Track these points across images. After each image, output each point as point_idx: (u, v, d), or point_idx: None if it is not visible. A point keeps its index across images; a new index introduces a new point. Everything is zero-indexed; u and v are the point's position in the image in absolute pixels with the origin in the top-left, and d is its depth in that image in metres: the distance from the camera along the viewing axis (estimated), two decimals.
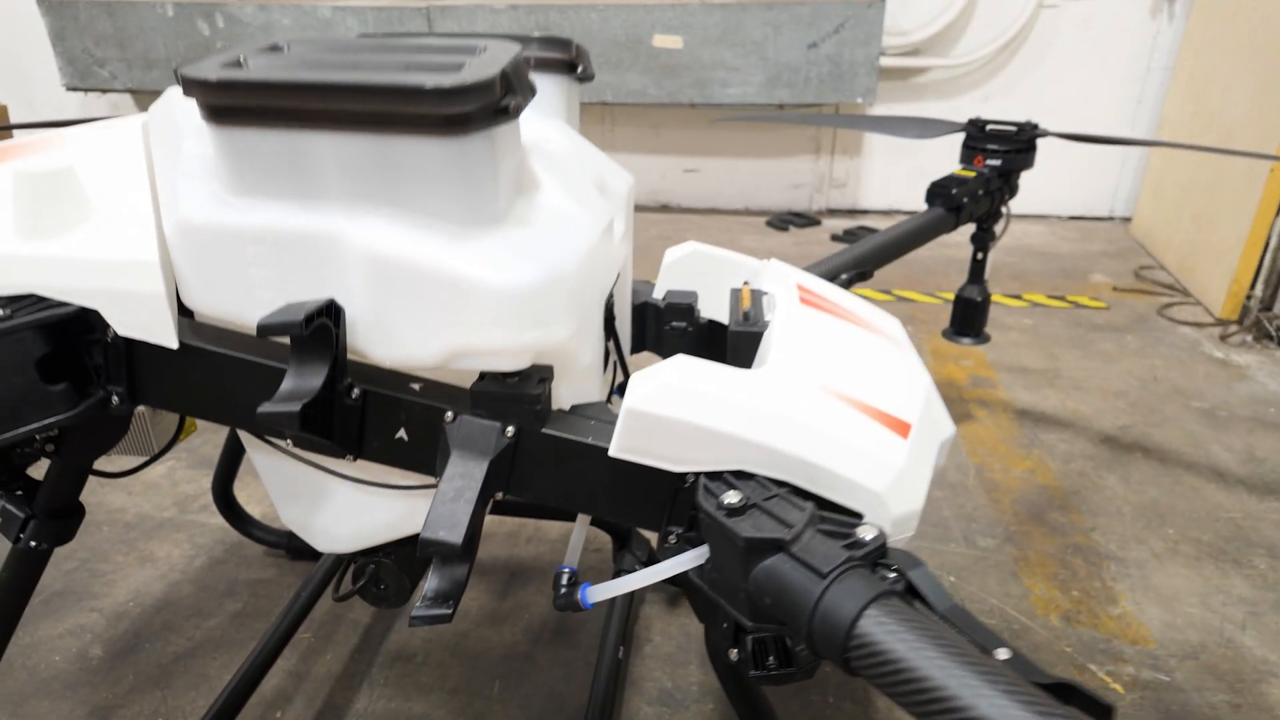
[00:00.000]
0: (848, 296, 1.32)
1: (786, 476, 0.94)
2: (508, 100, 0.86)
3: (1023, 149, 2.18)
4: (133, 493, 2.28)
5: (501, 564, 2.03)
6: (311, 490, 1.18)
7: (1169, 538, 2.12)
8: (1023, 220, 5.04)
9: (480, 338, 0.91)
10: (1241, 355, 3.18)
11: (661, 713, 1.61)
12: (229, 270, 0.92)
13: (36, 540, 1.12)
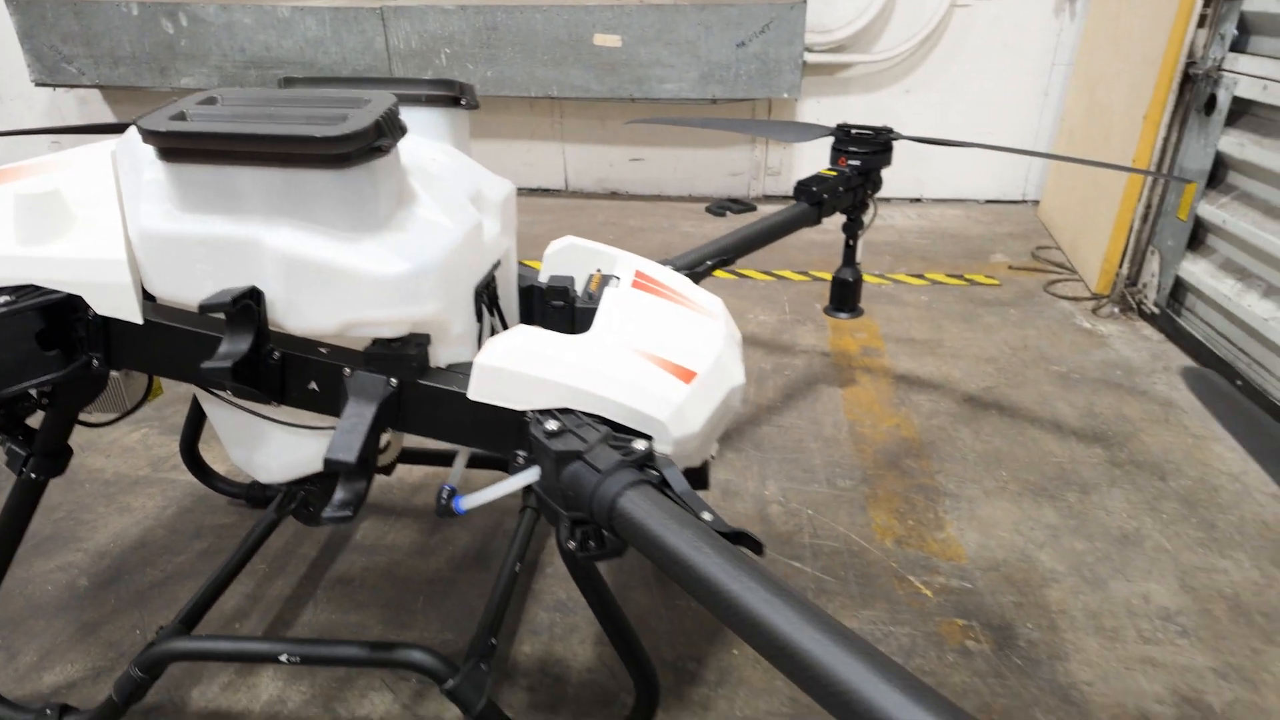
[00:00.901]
0: (680, 280, 1.67)
1: (597, 410, 1.30)
2: (380, 142, 1.20)
3: (879, 150, 2.53)
4: (111, 455, 2.61)
5: (432, 507, 2.38)
6: (252, 435, 1.53)
7: (1001, 479, 2.51)
8: (943, 204, 5.43)
9: (366, 313, 1.26)
10: (1106, 326, 3.58)
11: (555, 617, 1.98)
12: (179, 266, 1.26)
13: (36, 473, 1.46)
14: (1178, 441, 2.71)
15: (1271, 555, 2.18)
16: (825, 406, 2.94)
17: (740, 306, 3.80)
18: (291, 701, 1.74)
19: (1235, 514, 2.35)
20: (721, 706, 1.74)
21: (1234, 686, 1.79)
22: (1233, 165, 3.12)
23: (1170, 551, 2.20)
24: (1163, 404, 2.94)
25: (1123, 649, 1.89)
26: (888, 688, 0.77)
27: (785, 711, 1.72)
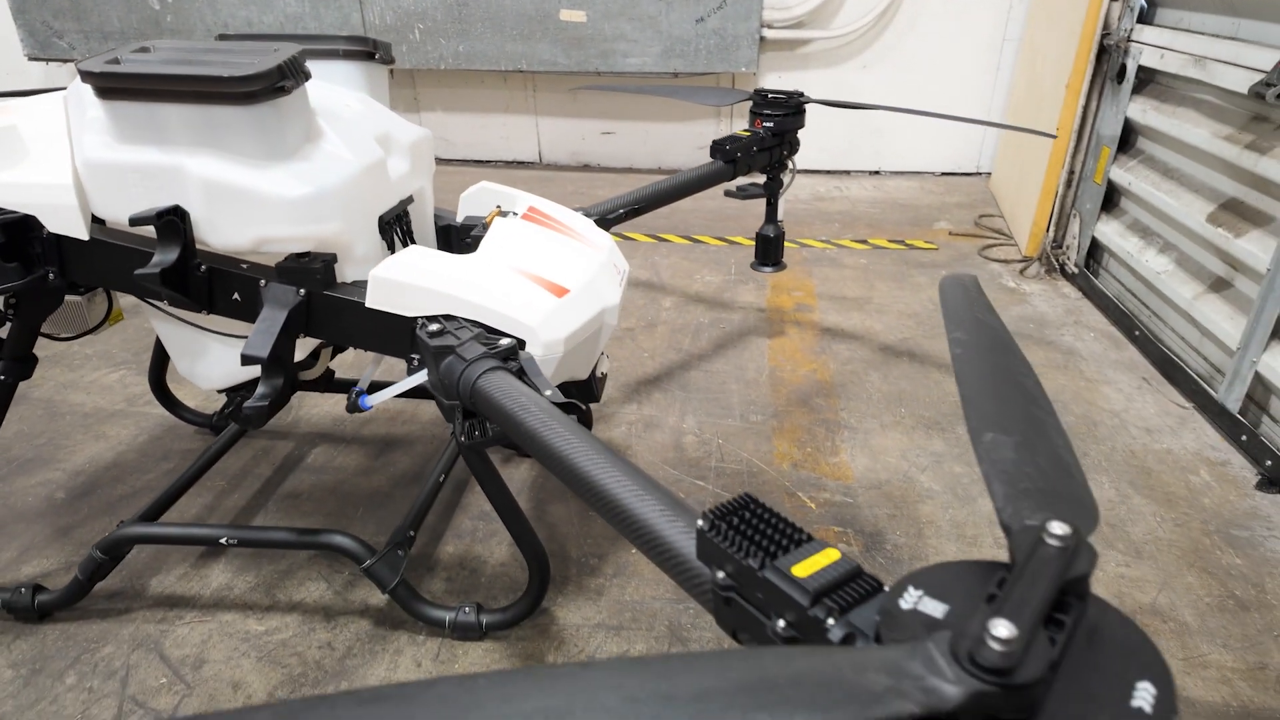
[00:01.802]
0: (572, 216, 1.89)
1: (475, 317, 1.53)
2: (283, 83, 1.43)
3: (792, 113, 2.74)
4: (91, 393, 2.86)
5: (380, 437, 2.62)
6: (194, 348, 1.77)
7: (900, 414, 2.74)
8: (900, 177, 5.64)
9: (274, 230, 1.50)
10: (1030, 285, 3.80)
11: (477, 525, 2.22)
12: (117, 190, 1.49)
13: (5, 375, 1.70)
14: (1071, 384, 2.93)
15: (1131, 479, 2.41)
16: (751, 354, 3.17)
17: (689, 268, 4.03)
18: (237, 589, 1.99)
19: (1108, 445, 2.57)
20: (614, 593, 1.98)
21: None
22: (1140, 131, 3.33)
23: None
24: (1065, 353, 3.16)
25: (978, 552, 2.13)
26: (659, 511, 0.97)
27: (668, 596, 1.96)
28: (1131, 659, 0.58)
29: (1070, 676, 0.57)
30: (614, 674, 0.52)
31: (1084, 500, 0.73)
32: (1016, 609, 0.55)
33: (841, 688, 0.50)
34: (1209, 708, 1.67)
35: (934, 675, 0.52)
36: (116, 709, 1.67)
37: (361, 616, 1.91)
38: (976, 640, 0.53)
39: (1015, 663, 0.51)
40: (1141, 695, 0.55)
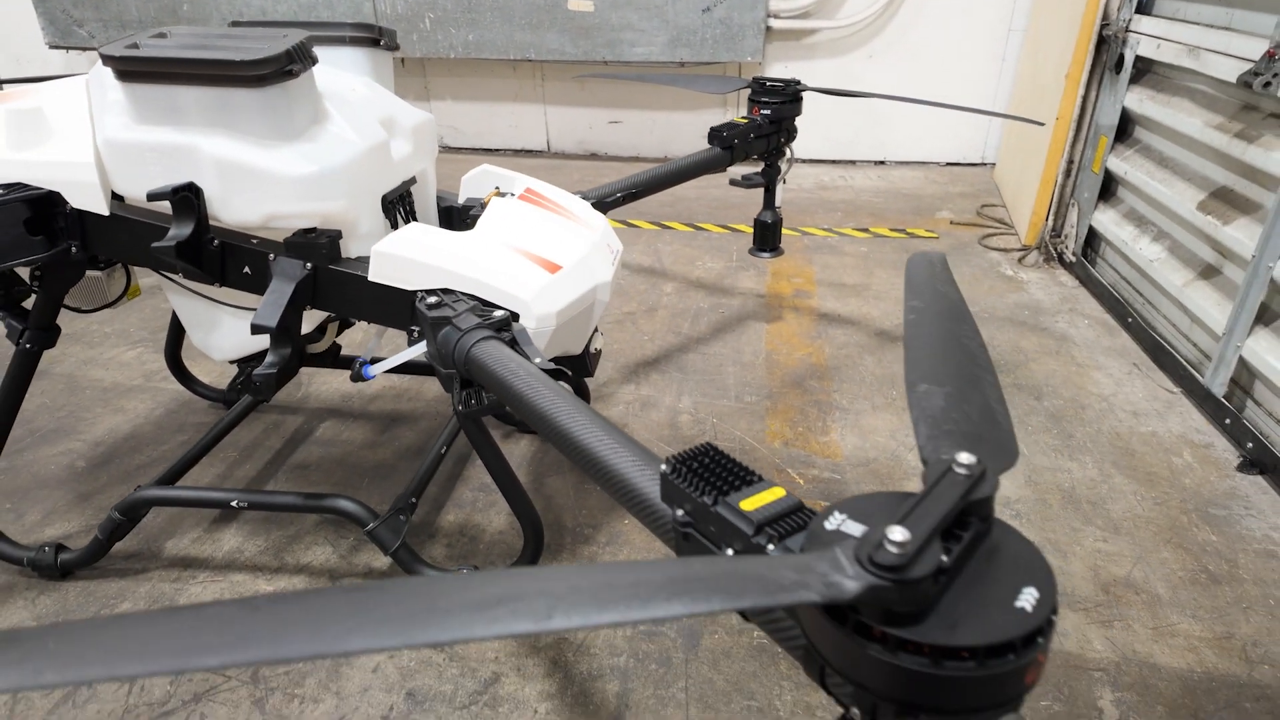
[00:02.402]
0: (568, 198, 1.97)
1: (472, 291, 1.61)
2: (291, 67, 1.51)
3: (789, 100, 2.80)
4: (110, 369, 2.97)
5: (386, 413, 2.71)
6: (207, 320, 1.86)
7: (891, 397, 2.81)
8: (905, 167, 5.67)
9: (282, 207, 1.58)
10: (1028, 273, 3.84)
11: (478, 496, 2.31)
12: (136, 168, 1.58)
13: (30, 344, 1.80)
14: (1062, 369, 2.99)
15: (1114, 460, 2.47)
16: (749, 338, 3.24)
17: (691, 255, 4.09)
18: (248, 552, 2.09)
19: (1094, 427, 2.63)
20: (606, 559, 2.07)
21: (1047, 555, 2.08)
22: (1137, 120, 3.36)
23: (1025, 455, 2.49)
24: (1058, 339, 3.21)
25: None
26: (630, 462, 1.05)
27: None
28: (1023, 570, 0.65)
29: (966, 584, 0.64)
30: (563, 571, 0.60)
31: (1005, 443, 0.80)
32: (915, 521, 0.63)
33: (755, 581, 0.58)
34: (1174, 673, 1.73)
35: (837, 573, 0.60)
36: None
37: (365, 578, 2.00)
38: (876, 545, 0.61)
39: (907, 562, 0.59)
40: (1026, 597, 0.62)
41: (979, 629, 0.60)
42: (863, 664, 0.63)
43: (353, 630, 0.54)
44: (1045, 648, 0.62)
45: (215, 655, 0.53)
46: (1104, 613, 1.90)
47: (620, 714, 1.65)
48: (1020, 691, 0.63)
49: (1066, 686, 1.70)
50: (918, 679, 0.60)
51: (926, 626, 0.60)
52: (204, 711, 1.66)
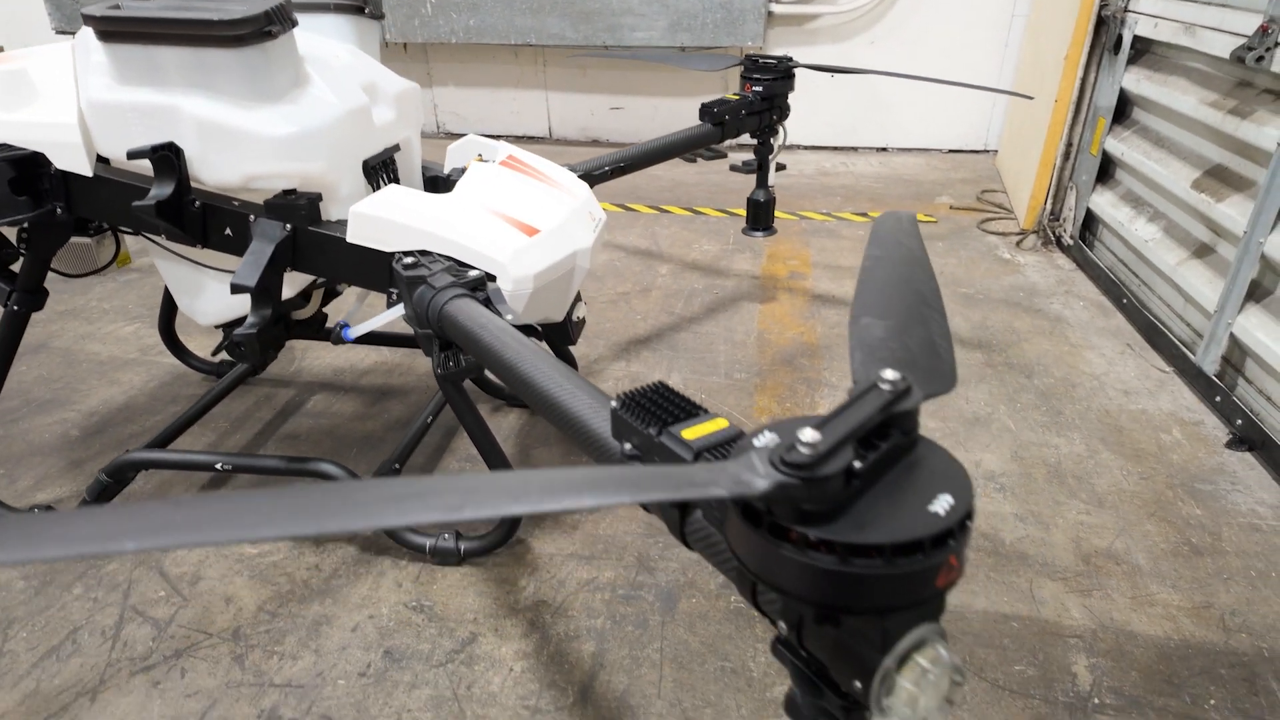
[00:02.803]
0: (551, 167, 1.98)
1: (449, 253, 1.62)
2: (270, 28, 1.53)
3: (781, 77, 2.80)
4: (107, 343, 3.00)
5: (377, 387, 2.73)
6: (192, 285, 1.88)
7: None
8: (907, 154, 5.65)
9: (261, 167, 1.60)
10: (1025, 257, 3.83)
11: (464, 466, 2.32)
12: (118, 129, 1.60)
13: (18, 306, 1.83)
14: (1054, 349, 2.97)
15: (1102, 436, 2.46)
16: (742, 318, 3.24)
17: (688, 238, 4.10)
18: None
19: (1083, 405, 2.62)
20: (588, 527, 2.08)
21: (1028, 527, 2.09)
22: (1134, 101, 3.34)
23: (1013, 431, 2.49)
24: (1052, 320, 3.20)
25: None
26: (586, 404, 1.07)
27: (638, 531, 2.06)
28: (942, 481, 0.66)
29: (883, 492, 0.65)
30: (513, 473, 0.62)
31: (942, 371, 0.80)
32: (831, 427, 0.63)
33: (673, 479, 0.60)
34: (1151, 641, 1.73)
35: (749, 473, 0.61)
36: (118, 616, 1.80)
37: (349, 543, 2.02)
38: (788, 447, 0.61)
39: (815, 461, 0.60)
40: (940, 503, 0.63)
41: (888, 529, 0.60)
42: (778, 566, 0.64)
43: (269, 519, 0.55)
44: (958, 552, 0.63)
45: (135, 540, 0.55)
46: (1083, 582, 1.89)
47: (595, 673, 1.66)
48: (932, 595, 0.64)
49: (1041, 652, 1.70)
50: (828, 578, 0.61)
51: (837, 526, 0.61)
52: (185, 666, 1.68)
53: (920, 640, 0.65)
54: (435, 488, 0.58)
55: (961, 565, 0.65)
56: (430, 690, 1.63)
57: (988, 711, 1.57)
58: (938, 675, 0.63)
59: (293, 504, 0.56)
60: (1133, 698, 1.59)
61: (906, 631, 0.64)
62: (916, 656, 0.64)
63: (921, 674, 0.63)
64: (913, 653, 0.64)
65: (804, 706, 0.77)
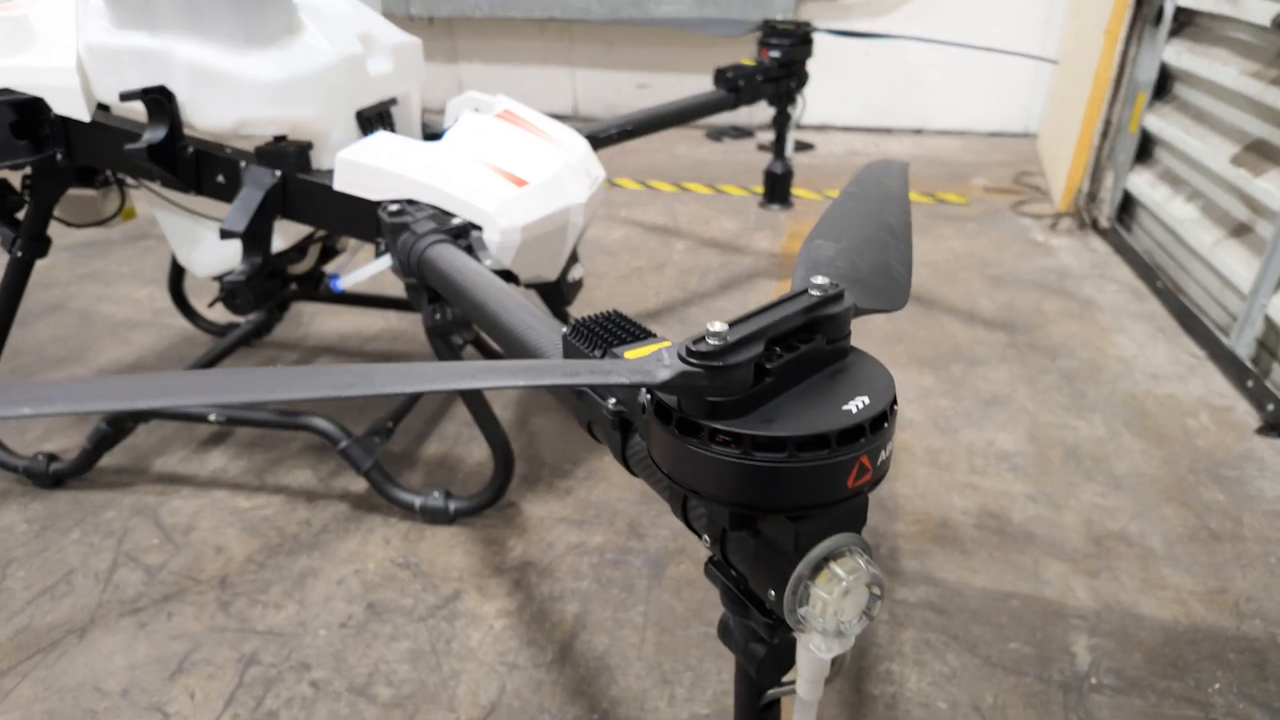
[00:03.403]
0: (548, 122, 1.95)
1: (436, 202, 1.60)
2: None
3: (798, 43, 2.73)
4: (121, 305, 3.05)
5: (382, 352, 2.73)
6: (190, 236, 1.89)
7: (895, 352, 2.73)
8: (942, 136, 5.51)
9: (251, 112, 1.59)
10: (1059, 239, 3.70)
11: (461, 430, 2.31)
12: (114, 73, 1.60)
13: (22, 252, 1.85)
14: (1083, 332, 2.86)
15: (1126, 420, 2.36)
16: (757, 295, 3.18)
17: (708, 215, 4.03)
18: (231, 471, 2.13)
19: (1109, 388, 2.52)
20: (581, 493, 2.05)
21: (1039, 507, 2.01)
22: (1175, 75, 3.19)
23: (1031, 412, 2.40)
24: (1083, 302, 3.08)
25: (949, 476, 2.12)
26: (546, 339, 1.04)
27: (631, 499, 2.02)
28: (865, 385, 0.62)
29: (801, 393, 0.61)
30: (458, 365, 0.62)
31: (891, 291, 0.75)
32: (744, 323, 0.60)
33: (575, 369, 0.59)
34: (1158, 623, 1.65)
35: (656, 364, 0.58)
36: (112, 560, 1.82)
37: (341, 500, 2.02)
38: (698, 339, 0.58)
39: (719, 351, 0.56)
40: (855, 403, 0.59)
41: (795, 423, 0.57)
42: (688, 464, 0.61)
43: (180, 389, 0.56)
44: (871, 452, 0.59)
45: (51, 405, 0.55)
46: (1092, 564, 1.81)
47: (576, 633, 1.64)
48: (845, 498, 0.60)
49: (1040, 631, 1.63)
50: (735, 474, 0.58)
51: (744, 420, 0.58)
52: (172, 610, 1.69)
53: (837, 548, 0.61)
54: (358, 370, 0.57)
55: (878, 469, 0.61)
56: (409, 643, 1.62)
57: (976, 687, 1.51)
58: (853, 584, 0.59)
59: (212, 382, 0.56)
60: (1133, 679, 1.52)
61: (821, 538, 0.60)
62: (832, 564, 0.60)
63: (835, 581, 0.59)
64: (829, 561, 0.60)
65: (735, 629, 0.73)
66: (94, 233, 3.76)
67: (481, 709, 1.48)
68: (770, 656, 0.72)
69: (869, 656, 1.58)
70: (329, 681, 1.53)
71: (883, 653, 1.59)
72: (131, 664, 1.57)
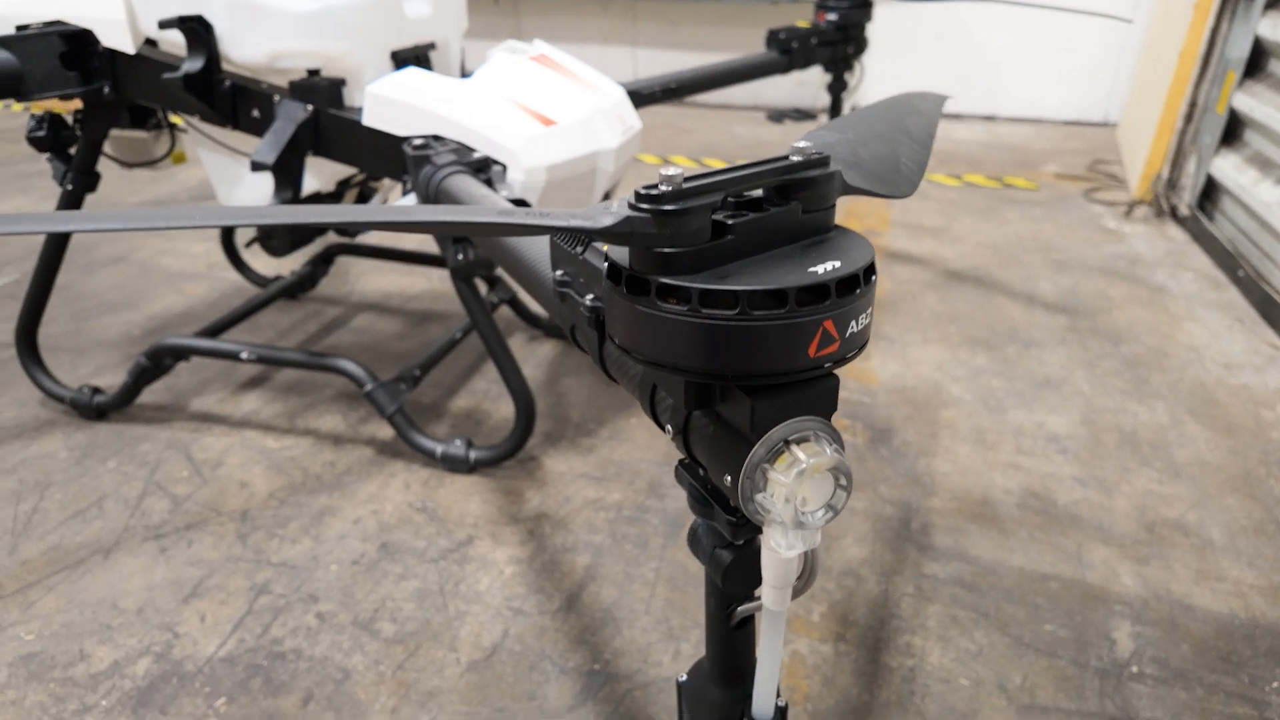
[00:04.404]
0: (583, 68, 1.91)
1: (460, 138, 1.58)
2: None
3: (857, 5, 2.62)
4: (179, 259, 3.14)
5: (422, 311, 2.75)
6: (231, 175, 1.92)
7: (948, 331, 2.61)
8: (1015, 123, 5.28)
9: (285, 44, 1.59)
10: (1132, 227, 3.49)
11: (491, 387, 2.29)
12: (157, 4, 1.62)
13: (73, 186, 1.90)
14: (1150, 318, 2.69)
15: (1191, 408, 2.19)
16: None
17: None
18: (264, 414, 2.16)
19: (1175, 375, 2.35)
20: (604, 451, 2.01)
21: (1087, 490, 1.88)
22: (1270, 51, 2.97)
23: (1087, 395, 2.26)
24: (1153, 289, 2.90)
25: (993, 455, 2.01)
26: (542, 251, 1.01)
27: (654, 460, 1.97)
28: (839, 254, 0.55)
29: (768, 258, 0.55)
30: (385, 207, 0.58)
31: (894, 179, 0.69)
32: (705, 176, 0.54)
33: (522, 214, 0.56)
34: (1212, 616, 1.52)
35: (602, 211, 0.53)
36: (142, 489, 1.86)
37: (367, 446, 2.02)
38: (650, 184, 0.53)
39: (669, 195, 0.51)
40: (823, 267, 0.52)
41: (752, 280, 0.51)
42: (638, 327, 0.55)
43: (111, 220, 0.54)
44: (838, 318, 0.53)
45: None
46: (1142, 550, 1.68)
47: (585, 584, 1.60)
48: (801, 364, 0.53)
49: (1079, 615, 1.52)
50: (683, 333, 0.52)
51: (697, 276, 0.52)
52: (192, 538, 1.72)
53: (799, 432, 0.55)
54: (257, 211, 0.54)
55: (846, 342, 0.54)
56: (418, 583, 1.60)
57: (1004, 666, 1.41)
58: (813, 468, 0.53)
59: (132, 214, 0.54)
60: (1178, 670, 1.40)
61: (782, 418, 0.54)
62: (793, 447, 0.54)
63: (794, 464, 0.53)
64: (790, 445, 0.54)
65: (702, 535, 0.68)
66: (162, 191, 3.90)
67: (483, 650, 1.45)
68: (737, 564, 0.66)
69: (888, 628, 1.50)
70: (335, 614, 1.53)
71: (904, 625, 1.50)
72: (149, 585, 1.60)
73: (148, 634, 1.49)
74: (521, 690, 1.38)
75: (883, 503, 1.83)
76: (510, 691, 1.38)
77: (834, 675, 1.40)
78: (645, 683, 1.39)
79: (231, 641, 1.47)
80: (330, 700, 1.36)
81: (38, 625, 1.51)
